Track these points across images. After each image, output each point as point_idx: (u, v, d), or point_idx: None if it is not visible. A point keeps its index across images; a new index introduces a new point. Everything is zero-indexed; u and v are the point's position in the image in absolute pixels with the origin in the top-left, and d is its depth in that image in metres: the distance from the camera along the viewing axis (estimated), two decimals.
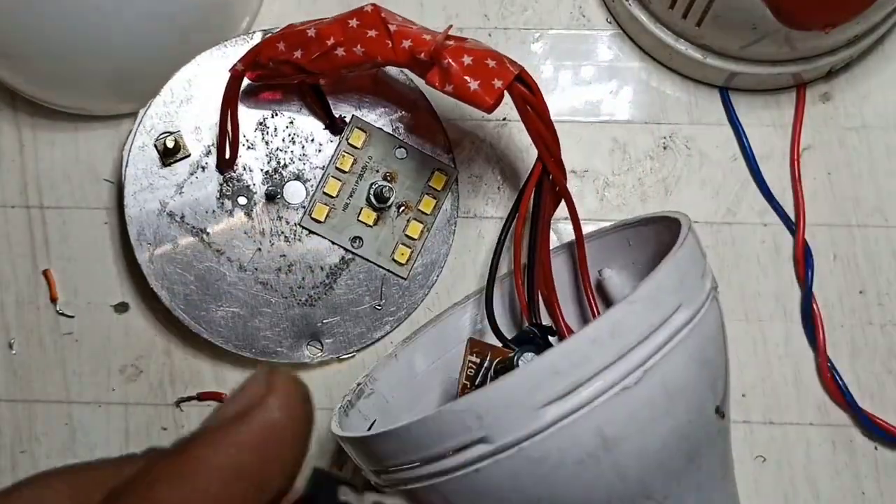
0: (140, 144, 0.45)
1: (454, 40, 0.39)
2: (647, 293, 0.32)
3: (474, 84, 0.37)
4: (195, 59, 0.45)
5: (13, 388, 0.48)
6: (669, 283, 0.33)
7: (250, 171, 0.45)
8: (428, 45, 0.38)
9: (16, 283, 0.48)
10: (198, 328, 0.45)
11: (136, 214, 0.45)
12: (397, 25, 0.39)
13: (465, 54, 0.37)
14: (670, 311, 0.33)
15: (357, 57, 0.40)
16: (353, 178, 0.46)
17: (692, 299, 0.34)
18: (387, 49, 0.39)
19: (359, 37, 0.40)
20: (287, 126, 0.45)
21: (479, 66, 0.37)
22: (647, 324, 0.32)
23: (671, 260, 0.34)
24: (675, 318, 0.33)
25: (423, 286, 0.46)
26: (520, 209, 0.41)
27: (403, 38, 0.39)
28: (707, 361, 0.34)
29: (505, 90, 0.37)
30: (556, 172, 0.40)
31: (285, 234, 0.45)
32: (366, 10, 0.40)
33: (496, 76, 0.37)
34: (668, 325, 0.32)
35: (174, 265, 0.45)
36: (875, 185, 0.48)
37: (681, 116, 0.49)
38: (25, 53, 0.45)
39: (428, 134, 0.46)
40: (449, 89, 0.37)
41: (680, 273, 0.34)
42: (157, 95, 0.45)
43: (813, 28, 0.44)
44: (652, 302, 0.32)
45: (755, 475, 0.46)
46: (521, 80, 0.38)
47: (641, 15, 0.47)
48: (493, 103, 0.37)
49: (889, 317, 0.47)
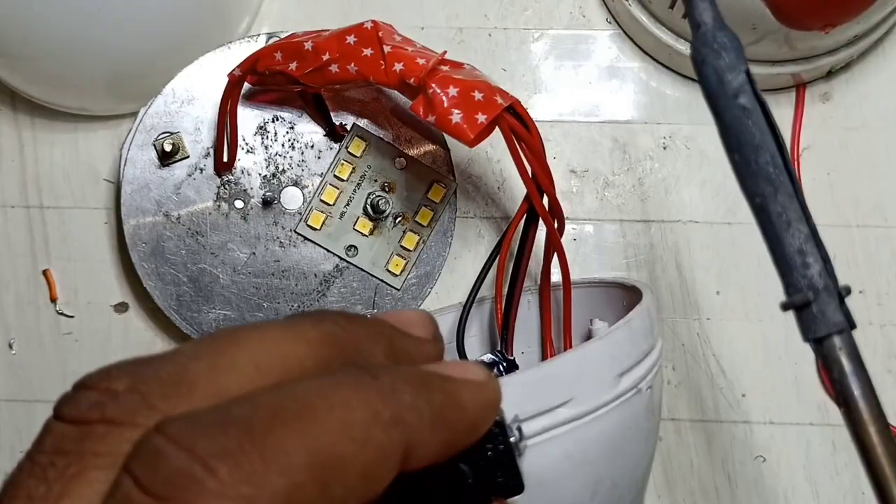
0: (139, 143, 0.45)
1: (449, 65, 0.38)
2: (532, 378, 0.31)
3: (457, 117, 0.36)
4: (198, 59, 0.45)
5: (13, 388, 0.48)
6: (562, 376, 0.31)
7: (248, 175, 0.45)
8: (418, 71, 0.37)
9: (16, 283, 0.48)
10: (189, 329, 0.45)
11: (132, 213, 0.45)
12: (393, 46, 0.38)
13: (452, 84, 0.36)
14: (553, 405, 0.31)
15: (350, 75, 0.39)
16: (350, 187, 0.45)
17: (586, 398, 0.32)
18: (379, 70, 0.38)
19: (354, 54, 0.39)
20: (287, 132, 0.45)
21: (464, 98, 0.36)
22: (519, 409, 0.30)
23: (575, 353, 0.33)
24: (557, 412, 0.31)
25: (416, 297, 0.46)
26: (501, 248, 0.41)
27: (396, 60, 0.38)
28: (587, 463, 0.32)
29: (491, 124, 0.36)
30: (546, 219, 0.38)
31: (280, 240, 0.45)
32: (365, 27, 0.39)
33: (481, 109, 0.36)
34: (545, 418, 0.31)
35: (168, 265, 0.45)
36: (875, 185, 0.48)
37: (681, 116, 0.49)
38: (25, 53, 0.45)
39: (428, 146, 0.46)
40: (431, 120, 0.36)
41: (582, 368, 0.32)
42: (158, 95, 0.45)
43: (813, 28, 0.44)
44: (533, 389, 0.31)
45: (755, 475, 0.46)
46: (514, 112, 0.36)
47: (641, 15, 0.47)
48: (473, 138, 0.36)
49: (889, 317, 0.47)
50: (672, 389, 0.47)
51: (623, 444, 0.34)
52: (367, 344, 0.19)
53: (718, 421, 0.47)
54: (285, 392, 0.16)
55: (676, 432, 0.47)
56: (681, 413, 0.47)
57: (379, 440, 0.16)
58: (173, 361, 0.17)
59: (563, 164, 0.49)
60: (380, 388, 0.17)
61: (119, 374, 0.17)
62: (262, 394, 0.16)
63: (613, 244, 0.48)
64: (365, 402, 0.17)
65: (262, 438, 0.15)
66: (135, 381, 0.17)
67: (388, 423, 0.17)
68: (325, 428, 0.16)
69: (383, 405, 0.17)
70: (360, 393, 0.17)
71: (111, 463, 0.16)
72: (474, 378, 0.19)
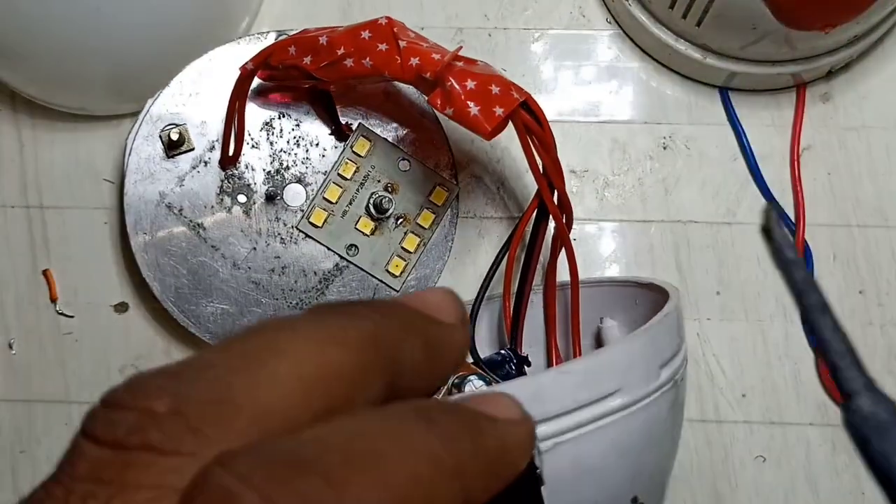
0: (145, 134, 0.45)
1: (464, 61, 0.38)
2: (583, 368, 0.31)
3: (475, 109, 0.36)
4: (207, 53, 0.45)
5: (13, 388, 0.48)
6: (614, 366, 0.32)
7: (252, 170, 0.45)
8: (435, 65, 0.38)
9: (16, 283, 0.48)
10: (186, 322, 0.45)
11: (134, 203, 0.45)
12: (408, 42, 0.39)
13: (470, 78, 0.37)
14: (604, 393, 0.31)
15: (365, 69, 0.39)
16: (354, 186, 0.45)
17: (634, 388, 0.32)
18: (395, 64, 0.39)
19: (369, 49, 0.39)
20: (293, 128, 0.45)
21: (481, 91, 0.36)
22: (573, 399, 0.31)
23: (624, 343, 0.33)
24: (607, 401, 0.31)
25: None
26: (511, 245, 0.41)
27: (412, 55, 0.38)
28: (632, 452, 0.33)
29: (507, 118, 0.36)
30: (556, 215, 0.39)
31: (282, 236, 0.45)
32: (380, 23, 0.39)
33: (498, 103, 0.36)
34: (597, 407, 0.31)
35: (168, 257, 0.45)
36: (875, 185, 0.48)
37: (681, 116, 0.49)
38: (25, 53, 0.45)
39: (432, 149, 0.46)
40: (449, 112, 0.37)
41: (631, 358, 0.32)
42: (165, 87, 0.45)
43: (813, 28, 0.44)
44: (586, 378, 0.31)
45: (755, 475, 0.46)
46: (528, 108, 0.37)
47: (641, 15, 0.47)
48: (491, 130, 0.36)
49: (889, 317, 0.47)
50: None
51: (660, 435, 0.34)
52: (404, 342, 0.19)
53: (718, 421, 0.47)
54: (350, 431, 0.16)
55: None
56: None
57: (443, 492, 0.16)
58: (212, 377, 0.16)
59: (563, 164, 0.48)
60: (441, 435, 0.17)
61: (157, 392, 0.16)
62: (326, 432, 0.16)
63: (613, 244, 0.48)
64: (430, 451, 0.16)
65: (341, 487, 0.15)
66: (176, 402, 0.15)
67: (452, 475, 0.16)
68: (398, 480, 0.15)
69: (446, 454, 0.16)
70: (425, 439, 0.16)
71: (159, 496, 0.15)
72: (514, 417, 0.19)
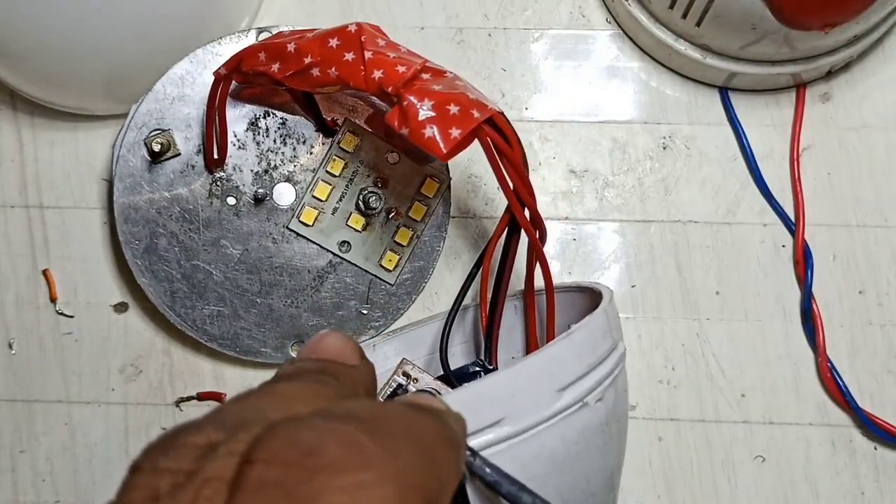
0: (130, 142, 0.45)
1: (431, 73, 0.37)
2: (459, 398, 0.31)
3: (430, 131, 0.35)
4: (187, 56, 0.45)
5: (13, 388, 0.48)
6: (494, 395, 0.31)
7: (240, 172, 0.45)
8: (396, 80, 0.36)
9: (16, 283, 0.48)
10: (183, 325, 0.45)
11: (124, 210, 0.45)
12: (374, 52, 0.38)
13: (427, 97, 0.35)
14: (486, 423, 0.31)
15: (330, 79, 0.38)
16: (343, 183, 0.45)
17: (522, 416, 0.32)
18: (359, 76, 0.38)
19: (335, 59, 0.38)
20: (279, 127, 0.45)
21: (439, 112, 0.35)
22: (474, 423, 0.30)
23: (507, 372, 0.32)
24: (494, 429, 0.31)
25: (411, 292, 0.46)
26: (483, 262, 0.40)
27: (376, 67, 0.37)
28: (532, 479, 0.31)
29: (465, 139, 0.35)
30: (528, 231, 0.38)
31: (273, 236, 0.45)
32: (349, 30, 0.38)
33: (455, 124, 0.35)
34: (483, 435, 0.31)
35: (161, 262, 0.45)
36: (875, 185, 0.48)
37: (680, 116, 0.49)
38: (25, 53, 0.45)
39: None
40: (405, 132, 0.35)
41: (514, 386, 0.32)
42: (148, 92, 0.45)
43: (813, 28, 0.44)
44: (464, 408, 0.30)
45: (755, 475, 0.46)
46: (494, 125, 0.36)
47: (641, 15, 0.48)
48: (446, 153, 0.35)
49: (889, 317, 0.47)
50: (672, 389, 0.47)
51: (570, 460, 0.33)
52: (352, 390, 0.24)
53: (718, 421, 0.47)
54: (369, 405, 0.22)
55: (676, 432, 0.47)
56: (681, 413, 0.47)
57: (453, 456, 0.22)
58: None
59: (562, 164, 0.49)
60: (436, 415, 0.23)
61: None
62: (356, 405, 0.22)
63: (613, 244, 0.48)
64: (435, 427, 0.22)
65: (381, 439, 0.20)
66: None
67: (454, 445, 0.23)
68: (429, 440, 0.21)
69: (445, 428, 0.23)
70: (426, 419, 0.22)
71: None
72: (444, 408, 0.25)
